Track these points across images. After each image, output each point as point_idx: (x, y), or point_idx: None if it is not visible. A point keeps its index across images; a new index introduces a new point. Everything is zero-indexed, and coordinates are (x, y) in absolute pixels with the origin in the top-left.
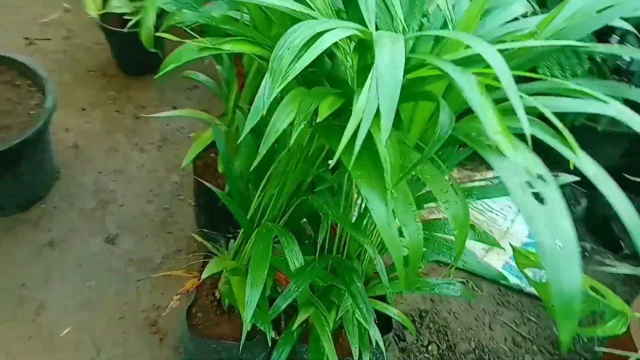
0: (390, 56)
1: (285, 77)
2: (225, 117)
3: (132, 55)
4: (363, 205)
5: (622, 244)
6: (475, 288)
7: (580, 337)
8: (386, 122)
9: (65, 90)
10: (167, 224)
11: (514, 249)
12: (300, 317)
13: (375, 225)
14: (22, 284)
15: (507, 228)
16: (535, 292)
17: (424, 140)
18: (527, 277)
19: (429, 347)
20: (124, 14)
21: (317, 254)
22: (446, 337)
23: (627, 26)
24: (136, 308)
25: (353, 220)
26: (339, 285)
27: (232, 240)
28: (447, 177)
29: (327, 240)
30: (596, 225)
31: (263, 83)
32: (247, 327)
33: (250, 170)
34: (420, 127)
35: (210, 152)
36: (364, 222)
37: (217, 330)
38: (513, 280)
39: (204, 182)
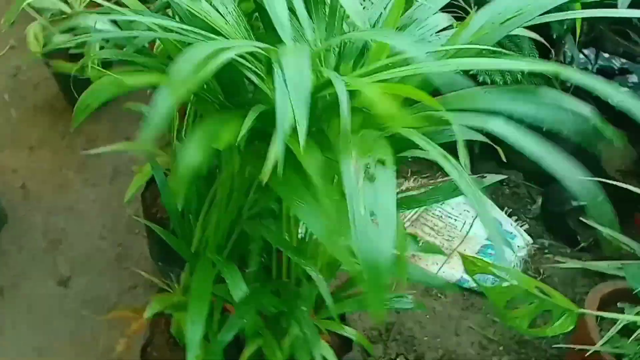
0: (295, 64)
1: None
2: (169, 147)
3: (81, 89)
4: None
5: (578, 238)
6: (439, 295)
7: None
8: (301, 124)
9: (12, 129)
10: (122, 260)
11: (462, 256)
12: (248, 350)
13: (321, 246)
14: None
15: (467, 232)
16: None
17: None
18: (476, 281)
19: None
20: (68, 48)
21: (259, 281)
22: (413, 348)
23: (530, 34)
24: (93, 350)
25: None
26: (286, 312)
27: (182, 273)
28: None
29: (274, 265)
30: (553, 222)
31: (155, 96)
32: None
33: (189, 200)
34: None
35: None
36: (308, 243)
37: None
38: (474, 283)
39: (153, 219)
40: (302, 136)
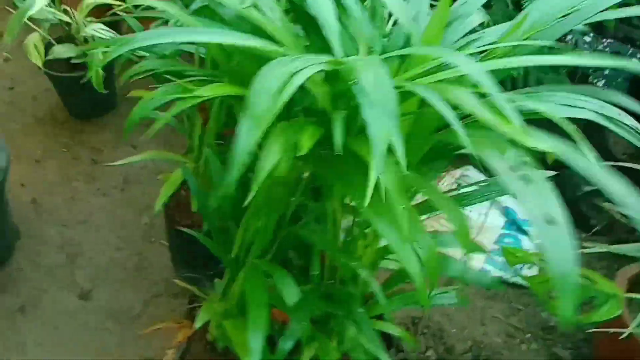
0: (375, 78)
1: (265, 121)
2: (191, 153)
3: (81, 99)
4: (351, 227)
5: (591, 222)
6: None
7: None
8: (399, 149)
9: (14, 143)
10: (141, 270)
11: (503, 248)
12: (306, 356)
13: (366, 246)
14: None
15: (483, 222)
16: (520, 282)
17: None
18: (519, 274)
19: (427, 353)
20: (69, 58)
21: (310, 284)
22: (442, 340)
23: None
24: None
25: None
26: (340, 314)
27: (216, 279)
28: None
29: (317, 267)
30: (565, 207)
31: (239, 130)
32: None
33: (230, 206)
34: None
35: (181, 189)
36: (352, 244)
37: None
38: (496, 273)
39: (179, 226)
40: (403, 162)
